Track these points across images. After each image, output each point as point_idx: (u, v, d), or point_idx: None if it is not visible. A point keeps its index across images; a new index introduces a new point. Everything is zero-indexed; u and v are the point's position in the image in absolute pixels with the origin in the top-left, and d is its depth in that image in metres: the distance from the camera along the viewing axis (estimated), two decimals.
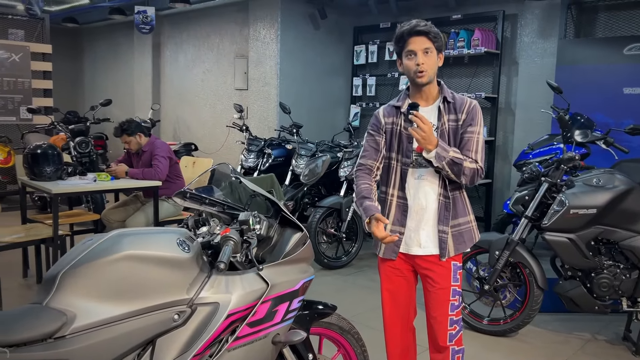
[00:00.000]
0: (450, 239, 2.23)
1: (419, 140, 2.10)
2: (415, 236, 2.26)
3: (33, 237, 3.96)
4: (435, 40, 2.14)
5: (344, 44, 7.66)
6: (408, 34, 2.12)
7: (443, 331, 2.26)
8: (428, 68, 2.13)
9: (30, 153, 4.18)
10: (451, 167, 2.12)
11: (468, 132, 2.20)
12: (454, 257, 2.26)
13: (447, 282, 2.25)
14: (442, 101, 2.21)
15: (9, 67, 6.99)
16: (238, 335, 1.73)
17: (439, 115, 2.21)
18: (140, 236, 1.66)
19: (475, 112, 2.22)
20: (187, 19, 8.56)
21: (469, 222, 2.29)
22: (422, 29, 2.11)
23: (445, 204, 2.23)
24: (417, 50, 2.12)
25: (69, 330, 1.44)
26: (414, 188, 2.24)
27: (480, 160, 2.19)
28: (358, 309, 3.98)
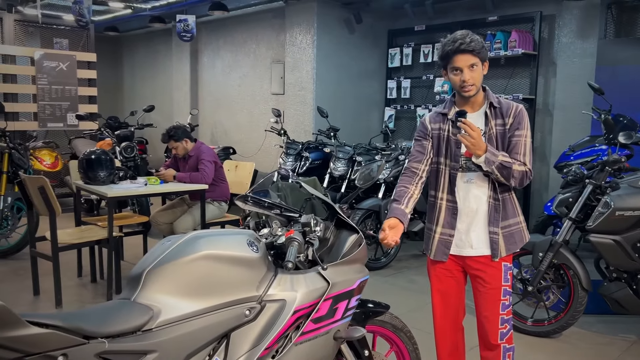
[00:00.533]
0: (502, 240, 2.30)
1: (468, 147, 2.17)
2: (466, 238, 2.33)
3: (89, 239, 4.17)
4: (479, 54, 2.19)
5: (379, 47, 7.74)
6: (454, 53, 2.17)
7: (494, 330, 2.33)
8: (475, 82, 2.20)
9: (85, 158, 4.39)
10: (500, 170, 2.18)
11: (516, 136, 2.26)
12: (505, 258, 2.32)
13: (498, 282, 2.31)
14: (489, 107, 2.28)
15: (56, 75, 7.29)
16: (303, 330, 1.84)
17: (486, 120, 2.28)
18: (215, 237, 1.78)
19: (522, 116, 2.28)
20: (224, 26, 8.76)
21: (518, 222, 2.36)
22: (466, 47, 2.15)
23: (495, 205, 2.29)
24: (463, 67, 2.17)
25: (155, 323, 1.57)
26: (464, 191, 2.31)
27: (529, 162, 2.26)
28: (399, 310, 4.05)
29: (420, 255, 5.66)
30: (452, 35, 2.22)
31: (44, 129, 7.33)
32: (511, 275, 2.36)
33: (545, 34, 6.24)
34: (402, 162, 5.23)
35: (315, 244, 1.95)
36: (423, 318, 3.86)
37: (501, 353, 2.35)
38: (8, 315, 1.25)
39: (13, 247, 5.24)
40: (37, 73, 7.10)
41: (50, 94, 7.26)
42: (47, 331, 1.33)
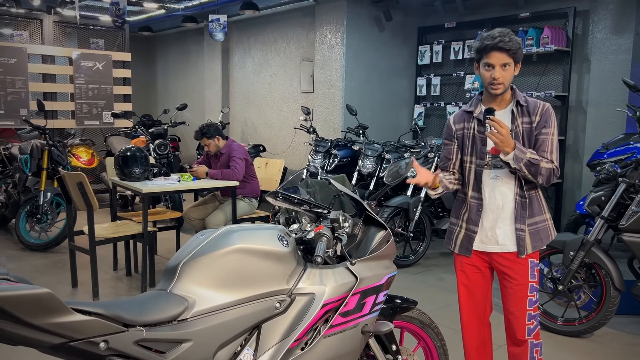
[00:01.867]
0: (528, 237, 2.31)
1: (497, 144, 2.18)
2: (492, 234, 2.34)
3: (124, 233, 4.30)
4: (515, 55, 2.20)
5: (408, 44, 7.72)
6: (491, 49, 2.18)
7: (521, 326, 2.35)
8: (504, 81, 2.21)
9: (120, 155, 4.53)
10: (528, 168, 2.19)
11: (543, 134, 2.27)
12: (531, 255, 2.33)
13: (524, 278, 2.33)
14: (516, 105, 2.29)
15: (93, 74, 7.51)
16: (332, 324, 1.88)
17: (513, 118, 2.30)
18: (247, 232, 1.84)
19: (548, 114, 2.28)
20: (255, 25, 8.87)
21: (545, 220, 2.36)
22: (504, 45, 2.16)
23: (521, 203, 2.30)
24: (496, 64, 2.19)
25: (190, 314, 1.63)
26: (490, 188, 2.33)
27: (556, 160, 2.26)
28: (427, 307, 4.06)
29: (449, 253, 5.63)
30: (491, 31, 2.24)
31: (81, 126, 7.56)
32: (538, 271, 2.37)
33: (579, 30, 6.13)
34: (431, 159, 5.23)
35: (344, 239, 1.99)
36: (451, 315, 3.87)
37: (528, 349, 2.37)
38: (55, 302, 1.33)
39: (52, 241, 5.44)
40: (74, 72, 7.33)
41: (87, 93, 7.48)
42: (90, 318, 1.41)
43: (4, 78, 6.75)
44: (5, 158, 6.25)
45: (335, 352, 1.89)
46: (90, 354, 1.43)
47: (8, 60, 6.77)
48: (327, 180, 2.26)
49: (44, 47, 7.23)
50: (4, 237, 5.92)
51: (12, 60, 6.80)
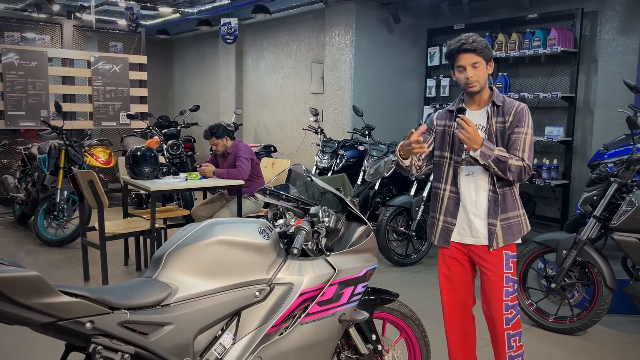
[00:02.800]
0: (499, 231, 2.43)
1: (464, 140, 2.32)
2: (468, 228, 2.48)
3: (133, 229, 4.48)
4: (482, 54, 2.33)
5: (418, 46, 7.79)
6: (457, 52, 2.34)
7: (499, 316, 2.47)
8: (478, 79, 2.35)
9: (131, 155, 4.71)
10: (497, 164, 2.32)
11: (515, 133, 2.39)
12: (506, 247, 2.45)
13: (500, 269, 2.45)
14: (491, 105, 2.43)
15: (110, 77, 7.76)
16: (309, 312, 2.00)
17: (488, 117, 2.42)
18: (229, 224, 1.97)
19: (522, 114, 2.39)
20: (267, 28, 9.03)
21: (518, 216, 2.48)
22: (468, 47, 2.31)
23: (494, 199, 2.43)
24: (466, 65, 2.33)
25: (173, 299, 1.77)
26: (465, 184, 2.47)
27: (528, 158, 2.37)
28: (426, 304, 4.15)
29: None
30: (456, 37, 2.38)
31: (98, 127, 7.81)
32: (514, 263, 2.48)
33: (587, 31, 6.14)
34: None
35: (322, 233, 2.10)
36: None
37: (506, 338, 2.47)
38: (43, 284, 1.48)
39: (68, 237, 5.66)
40: (92, 75, 7.58)
41: (104, 95, 7.73)
42: (76, 300, 1.55)
43: (25, 81, 7.03)
44: (25, 157, 6.51)
45: (312, 338, 2.01)
46: (77, 333, 1.58)
47: (29, 64, 7.04)
48: (310, 178, 2.37)
49: (64, 51, 7.50)
50: (24, 233, 6.17)
51: (33, 64, 7.07)
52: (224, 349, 1.84)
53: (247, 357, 1.85)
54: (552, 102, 6.43)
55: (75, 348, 1.73)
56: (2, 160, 7.33)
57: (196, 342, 1.79)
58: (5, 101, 6.91)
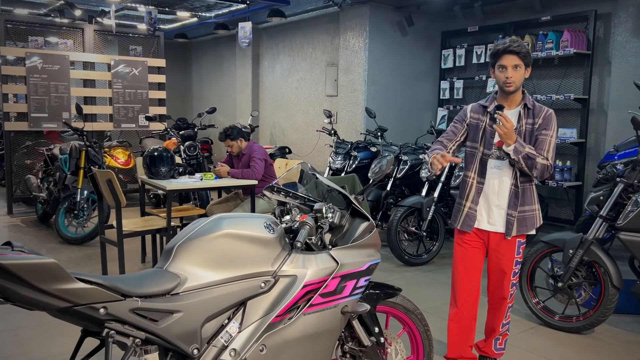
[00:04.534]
0: (516, 222, 2.71)
1: (501, 135, 2.55)
2: (486, 215, 2.77)
3: (150, 227, 4.62)
4: (524, 58, 2.58)
5: (432, 48, 7.84)
6: (503, 52, 2.58)
7: (507, 292, 2.84)
8: (516, 80, 2.59)
9: (148, 155, 4.86)
10: (525, 161, 2.57)
11: (542, 134, 2.65)
12: (518, 236, 2.74)
13: (511, 254, 2.76)
14: (523, 107, 2.68)
15: (130, 79, 7.95)
16: (312, 303, 2.09)
17: (519, 118, 2.68)
18: (237, 219, 2.07)
19: (550, 118, 2.67)
20: (283, 32, 9.16)
21: (533, 210, 2.75)
22: (514, 49, 2.56)
23: (515, 192, 2.70)
24: (508, 66, 2.57)
25: (182, 289, 1.87)
26: (491, 175, 2.73)
27: (551, 159, 2.63)
28: (435, 302, 4.21)
29: None
30: (503, 39, 2.67)
31: (118, 129, 8.01)
32: (523, 249, 2.81)
33: (600, 33, 6.13)
34: None
35: (325, 228, 2.19)
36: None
37: (506, 310, 2.88)
38: (60, 271, 1.59)
39: (87, 235, 5.84)
40: (112, 78, 7.78)
41: (124, 97, 7.92)
42: (91, 287, 1.66)
43: (48, 84, 7.25)
44: (48, 158, 6.72)
45: (315, 328, 2.10)
46: (91, 318, 1.69)
47: (52, 67, 7.26)
48: (315, 176, 2.46)
49: (85, 55, 7.71)
50: (46, 231, 6.37)
51: (55, 67, 7.29)
52: (230, 337, 1.94)
53: (252, 345, 1.95)
54: (565, 104, 6.43)
55: (90, 334, 1.84)
56: (25, 160, 7.56)
57: (203, 330, 1.90)
58: (29, 103, 7.13)
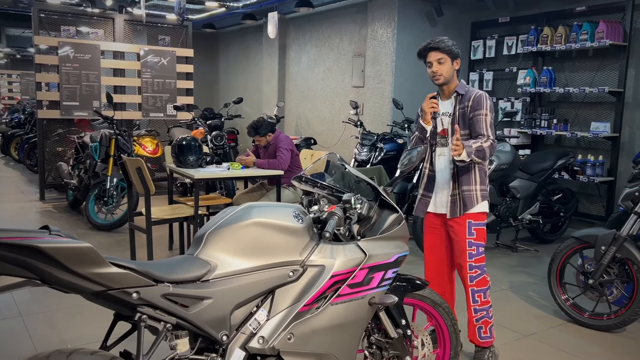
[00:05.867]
0: (457, 202, 2.87)
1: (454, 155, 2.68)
2: (438, 199, 2.95)
3: (178, 215, 4.68)
4: (447, 52, 2.79)
5: (461, 39, 7.72)
6: (424, 50, 2.85)
7: (465, 274, 2.91)
8: (443, 73, 2.81)
9: (177, 144, 4.91)
10: (478, 154, 2.69)
11: (476, 115, 2.80)
12: (469, 216, 2.85)
13: (463, 235, 2.87)
14: (455, 94, 2.88)
15: (158, 69, 8.03)
16: (340, 293, 2.09)
17: (454, 106, 2.88)
18: (266, 208, 2.08)
19: (480, 98, 2.81)
20: (310, 22, 9.14)
21: (471, 190, 2.87)
22: (434, 45, 2.80)
23: (453, 174, 2.88)
24: (432, 61, 2.81)
25: (212, 275, 1.89)
26: (438, 162, 2.95)
27: (491, 134, 2.77)
28: (459, 296, 4.17)
29: (491, 247, 5.67)
30: None
31: (146, 118, 8.11)
32: (477, 230, 2.87)
33: (637, 24, 5.95)
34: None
35: (354, 219, 2.19)
36: None
37: (470, 294, 2.91)
38: (95, 255, 1.62)
39: (117, 222, 5.95)
40: (142, 67, 7.87)
41: (152, 87, 8.01)
42: (124, 271, 1.69)
43: (79, 73, 7.37)
44: (79, 146, 6.85)
45: (342, 318, 2.10)
46: (124, 302, 1.72)
47: (83, 56, 7.38)
48: (344, 167, 2.46)
49: (115, 44, 7.81)
50: (76, 218, 6.51)
51: (87, 56, 7.41)
52: (258, 324, 1.95)
53: (280, 333, 1.96)
54: (599, 97, 6.27)
55: (123, 318, 1.88)
56: (57, 148, 7.73)
57: (233, 317, 1.91)
58: (61, 92, 7.27)
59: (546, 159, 5.60)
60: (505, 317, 3.78)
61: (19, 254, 1.53)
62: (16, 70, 20.20)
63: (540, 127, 6.66)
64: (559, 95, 6.68)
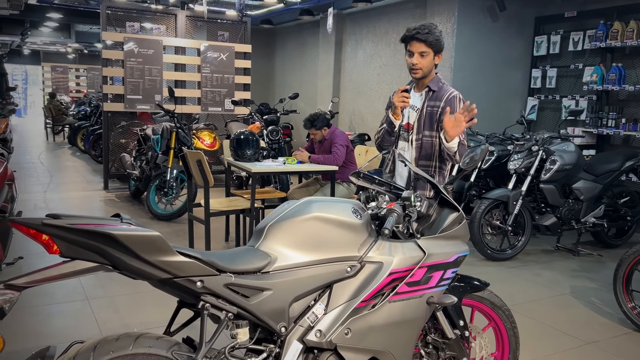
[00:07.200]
0: None
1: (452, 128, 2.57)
2: None
3: (235, 207, 4.78)
4: (432, 46, 2.62)
5: (523, 35, 7.48)
6: (410, 38, 2.66)
7: None
8: (422, 67, 2.67)
9: (235, 138, 5.01)
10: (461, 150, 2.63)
11: None
12: None
13: None
14: (427, 90, 2.76)
15: (217, 65, 8.21)
16: (397, 291, 2.07)
17: (423, 101, 2.77)
18: (325, 203, 2.09)
19: (451, 102, 2.69)
20: (368, 17, 9.08)
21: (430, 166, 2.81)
22: (421, 37, 2.61)
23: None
24: (415, 52, 2.65)
25: (272, 267, 1.92)
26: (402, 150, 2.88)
27: (465, 140, 2.67)
28: (518, 299, 4.06)
29: (551, 250, 5.48)
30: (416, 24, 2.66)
31: (205, 112, 8.32)
32: None
33: None
34: (535, 152, 5.11)
35: (413, 216, 2.16)
36: (541, 310, 3.86)
37: None
38: (164, 244, 1.68)
39: (175, 213, 6.14)
40: (201, 63, 8.08)
41: (211, 82, 8.21)
42: (191, 260, 1.75)
43: (143, 67, 7.65)
44: (141, 138, 7.12)
45: (400, 316, 2.08)
46: (189, 290, 1.77)
47: (147, 51, 7.65)
48: (403, 163, 2.43)
49: (177, 40, 8.05)
50: (137, 207, 6.77)
51: (150, 51, 7.67)
52: (316, 318, 1.97)
53: (337, 327, 1.97)
54: None
55: (185, 305, 1.94)
56: (120, 140, 8.06)
57: (291, 309, 1.94)
58: (125, 86, 7.57)
59: (613, 160, 5.36)
60: (566, 323, 3.65)
61: (94, 240, 1.60)
62: (83, 65, 21.19)
63: (607, 127, 6.36)
64: (629, 93, 6.35)
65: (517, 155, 5.11)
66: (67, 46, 18.96)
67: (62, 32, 15.34)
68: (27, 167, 9.68)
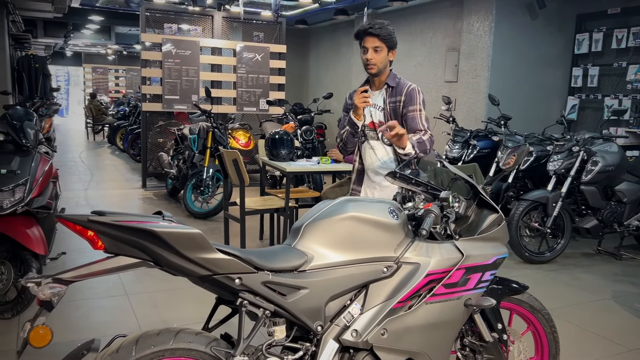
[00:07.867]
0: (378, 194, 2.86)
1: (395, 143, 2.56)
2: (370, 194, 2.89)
3: (269, 206, 4.82)
4: (386, 41, 2.62)
5: (564, 32, 7.29)
6: (363, 33, 2.64)
7: None
8: (377, 63, 2.65)
9: (270, 138, 5.05)
10: (420, 147, 2.62)
11: (410, 112, 2.70)
12: None
13: None
14: (386, 87, 2.74)
15: (252, 65, 8.30)
16: (435, 292, 2.05)
17: (384, 98, 2.75)
18: (362, 202, 2.09)
19: (412, 93, 2.70)
20: (403, 16, 9.01)
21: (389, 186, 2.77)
22: (374, 31, 2.60)
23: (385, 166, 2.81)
24: (369, 47, 2.63)
25: (308, 266, 1.93)
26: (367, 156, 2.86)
27: (428, 128, 2.71)
28: (556, 303, 3.97)
29: (591, 254, 5.33)
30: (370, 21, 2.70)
31: (240, 112, 8.42)
32: None
33: None
34: (575, 153, 4.98)
35: (451, 217, 2.13)
36: (580, 314, 3.77)
37: None
38: (204, 241, 1.71)
39: (211, 211, 6.24)
40: (237, 63, 8.17)
41: (247, 82, 8.30)
42: (229, 258, 1.77)
43: (180, 68, 7.79)
44: (178, 137, 7.25)
45: (437, 318, 2.06)
46: (227, 287, 1.80)
47: (184, 52, 7.79)
48: (441, 162, 2.40)
49: (213, 41, 8.17)
50: (174, 205, 6.91)
51: (187, 52, 7.81)
52: (352, 318, 1.97)
53: (373, 328, 1.96)
54: None
55: (223, 302, 1.97)
56: (158, 139, 8.23)
57: (327, 308, 1.94)
58: (163, 86, 7.72)
59: None
60: (608, 328, 3.54)
61: (137, 237, 1.64)
62: (122, 66, 21.74)
63: None
64: None
65: (557, 155, 4.99)
66: (107, 48, 19.49)
67: (103, 34, 15.76)
68: (69, 165, 9.99)
